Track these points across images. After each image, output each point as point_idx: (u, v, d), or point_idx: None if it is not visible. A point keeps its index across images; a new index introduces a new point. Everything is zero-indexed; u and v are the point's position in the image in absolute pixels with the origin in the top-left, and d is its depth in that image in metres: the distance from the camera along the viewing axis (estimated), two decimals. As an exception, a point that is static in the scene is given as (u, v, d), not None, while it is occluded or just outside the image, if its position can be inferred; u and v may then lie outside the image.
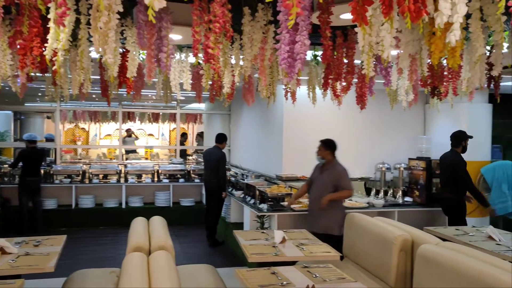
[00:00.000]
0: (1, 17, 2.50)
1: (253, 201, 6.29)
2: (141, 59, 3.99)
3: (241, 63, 3.66)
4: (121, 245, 6.72)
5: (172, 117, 13.82)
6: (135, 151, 12.94)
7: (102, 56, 2.57)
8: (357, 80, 4.40)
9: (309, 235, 4.37)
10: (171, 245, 3.50)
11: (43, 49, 2.48)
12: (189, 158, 11.55)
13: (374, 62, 2.39)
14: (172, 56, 3.16)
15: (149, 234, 3.83)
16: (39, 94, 9.71)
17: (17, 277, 3.23)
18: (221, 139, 7.31)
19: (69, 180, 8.76)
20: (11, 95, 5.53)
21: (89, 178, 8.92)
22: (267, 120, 7.95)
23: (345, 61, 3.96)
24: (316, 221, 5.05)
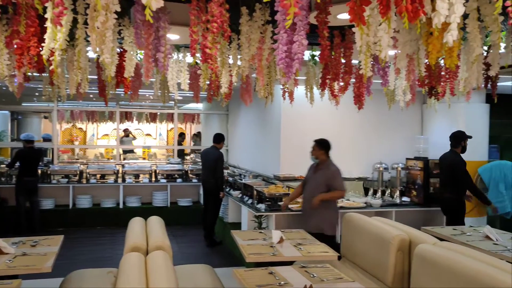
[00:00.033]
0: (-2, 16, 2.50)
1: (251, 201, 6.29)
2: (138, 59, 3.98)
3: (239, 63, 3.66)
4: (119, 245, 6.70)
5: (169, 117, 13.81)
6: (132, 151, 12.92)
7: (99, 55, 2.56)
8: (354, 80, 4.40)
9: (307, 235, 4.37)
10: (168, 245, 3.50)
11: (40, 48, 2.48)
12: (187, 158, 11.54)
13: (371, 62, 2.39)
14: (169, 56, 3.16)
15: (146, 234, 3.82)
16: (36, 94, 9.68)
17: (14, 278, 3.22)
18: (219, 139, 7.31)
19: (67, 180, 8.74)
20: (8, 95, 5.52)
21: (87, 178, 8.91)
22: (265, 120, 7.95)
23: (343, 61, 3.96)
24: (308, 220, 5.06)
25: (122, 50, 3.58)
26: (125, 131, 13.13)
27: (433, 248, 3.35)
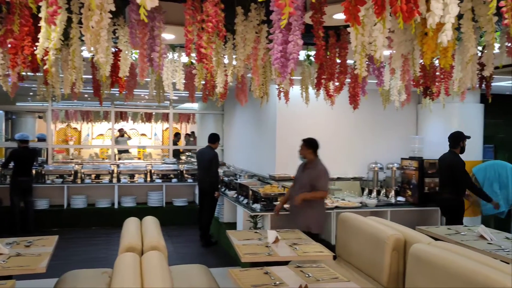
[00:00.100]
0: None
1: (246, 201, 6.29)
2: (133, 58, 3.97)
3: (234, 62, 3.66)
4: (114, 245, 6.68)
5: (165, 117, 13.79)
6: (127, 151, 12.89)
7: (94, 55, 2.55)
8: (349, 80, 4.41)
9: (302, 235, 4.37)
10: (164, 245, 3.49)
11: (34, 48, 2.46)
12: (183, 158, 11.52)
13: (366, 62, 2.39)
14: (164, 55, 3.15)
15: (141, 234, 3.81)
16: (31, 93, 9.64)
17: (8, 278, 3.21)
18: (214, 139, 7.30)
19: (61, 180, 8.71)
20: (2, 95, 5.48)
21: (81, 178, 8.87)
22: (260, 120, 7.95)
23: (338, 61, 3.97)
24: (295, 219, 5.08)
25: (117, 49, 3.56)
26: (120, 131, 13.10)
27: (428, 247, 3.36)
